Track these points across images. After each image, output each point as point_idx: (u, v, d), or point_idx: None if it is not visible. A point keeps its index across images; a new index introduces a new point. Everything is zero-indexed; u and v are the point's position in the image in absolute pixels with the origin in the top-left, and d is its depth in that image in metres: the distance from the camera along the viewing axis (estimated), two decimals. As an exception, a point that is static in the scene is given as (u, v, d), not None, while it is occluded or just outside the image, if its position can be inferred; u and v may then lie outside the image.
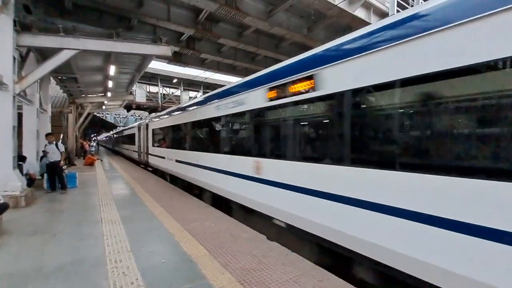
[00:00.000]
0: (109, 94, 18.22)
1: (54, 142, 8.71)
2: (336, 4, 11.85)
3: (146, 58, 10.82)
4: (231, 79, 22.96)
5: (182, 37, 14.56)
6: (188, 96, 33.44)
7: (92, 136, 48.18)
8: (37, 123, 10.04)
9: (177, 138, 10.75)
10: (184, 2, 11.36)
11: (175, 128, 10.66)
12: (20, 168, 7.96)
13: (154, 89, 33.18)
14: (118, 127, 44.88)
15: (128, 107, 32.77)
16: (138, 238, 4.58)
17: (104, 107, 25.72)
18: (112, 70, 11.63)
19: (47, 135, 9.06)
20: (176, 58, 17.85)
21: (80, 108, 21.96)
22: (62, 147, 8.87)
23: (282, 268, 3.54)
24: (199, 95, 29.07)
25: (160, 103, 32.32)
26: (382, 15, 13.92)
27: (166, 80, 32.42)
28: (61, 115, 19.09)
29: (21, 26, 7.18)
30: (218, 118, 6.92)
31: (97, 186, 9.67)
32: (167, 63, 20.07)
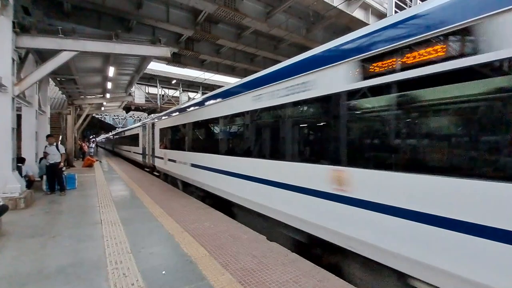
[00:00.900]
0: (108, 96, 18.19)
1: (55, 144, 8.74)
2: (335, 5, 11.89)
3: (145, 59, 10.80)
4: (231, 80, 23.00)
5: (181, 38, 14.60)
6: (187, 97, 33.41)
7: (91, 137, 48.06)
8: (36, 125, 10.01)
9: (194, 138, 8.96)
10: (183, 4, 11.40)
11: (192, 126, 8.95)
12: (19, 170, 7.94)
13: (153, 90, 33.15)
14: (117, 128, 44.83)
15: (127, 108, 32.72)
16: (138, 240, 4.58)
17: (103, 109, 25.69)
18: (111, 71, 11.62)
19: (48, 137, 9.04)
20: (175, 59, 17.88)
21: (79, 109, 21.92)
22: (62, 149, 8.88)
23: (282, 268, 3.55)
24: (198, 96, 29.07)
25: (159, 104, 32.30)
26: (380, 16, 13.98)
27: (165, 81, 32.42)
28: (60, 117, 19.04)
29: (20, 28, 7.17)
30: (264, 111, 5.29)
31: (96, 188, 9.66)
32: (166, 64, 20.10)
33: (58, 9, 10.80)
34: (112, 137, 42.36)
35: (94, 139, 49.72)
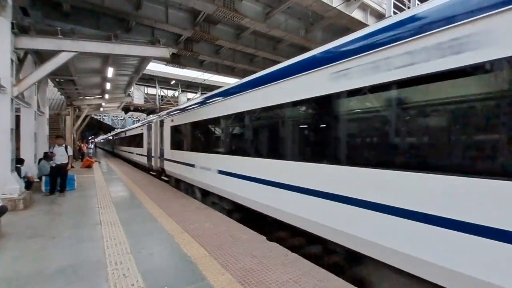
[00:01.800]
0: (107, 96, 18.20)
1: (64, 145, 8.81)
2: (333, 6, 11.92)
3: (144, 60, 10.81)
4: (230, 81, 23.00)
5: (180, 38, 14.59)
6: (186, 97, 33.40)
7: (90, 138, 48.02)
8: (35, 126, 10.00)
9: (227, 138, 6.84)
10: (182, 4, 11.40)
11: (224, 122, 6.82)
12: (18, 170, 7.93)
13: (152, 91, 33.16)
14: (116, 129, 44.73)
15: (126, 109, 32.73)
16: (138, 240, 4.58)
17: (101, 109, 25.70)
18: (110, 72, 11.63)
19: (57, 138, 9.12)
20: (174, 60, 17.88)
21: (77, 110, 21.94)
22: (70, 151, 8.99)
23: (282, 268, 3.56)
24: (197, 96, 29.03)
25: (158, 105, 32.30)
26: (379, 17, 14.03)
27: (164, 81, 32.44)
28: (58, 118, 19.05)
29: (19, 29, 7.16)
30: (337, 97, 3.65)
31: (95, 189, 9.64)
32: (165, 65, 20.12)
33: (57, 9, 10.79)
34: (112, 137, 40.51)
35: (93, 140, 49.65)
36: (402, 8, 11.88)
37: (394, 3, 12.72)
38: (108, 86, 14.70)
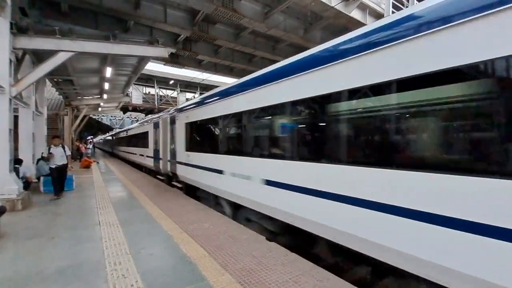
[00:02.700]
0: (105, 96, 18.19)
1: (61, 145, 8.46)
2: (332, 5, 11.93)
3: (142, 60, 10.80)
4: (229, 81, 22.98)
5: (179, 38, 14.58)
6: (185, 97, 33.38)
7: (88, 138, 47.86)
8: (33, 126, 9.97)
9: (281, 136, 4.92)
10: (180, 4, 11.39)
11: (277, 112, 4.91)
12: (16, 171, 7.90)
13: (150, 90, 33.13)
14: (114, 129, 44.63)
15: (124, 109, 32.68)
16: (137, 241, 4.57)
17: (100, 109, 25.65)
18: (108, 72, 11.61)
19: (54, 138, 8.68)
20: (172, 60, 17.87)
21: (76, 110, 21.89)
22: (68, 151, 8.64)
23: (281, 268, 3.56)
24: (196, 96, 29.02)
25: (156, 105, 32.27)
26: (378, 16, 14.05)
27: (163, 81, 32.42)
28: (57, 118, 19.00)
29: (17, 29, 7.14)
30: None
31: (94, 189, 9.62)
32: (164, 65, 20.10)
33: (55, 9, 10.76)
34: (111, 137, 38.12)
35: (91, 140, 49.55)
36: (401, 8, 11.91)
37: (392, 3, 12.75)
38: (106, 86, 14.69)
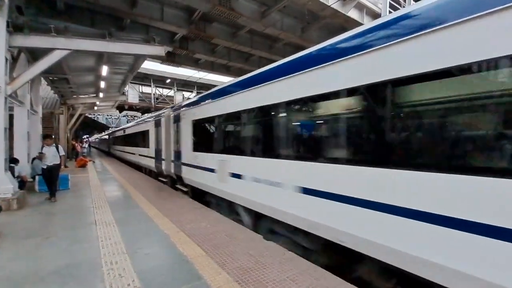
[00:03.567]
0: (101, 95, 18.07)
1: (54, 145, 8.06)
2: (329, 4, 11.95)
3: (139, 58, 10.75)
4: (225, 80, 22.95)
5: (176, 37, 14.51)
6: (182, 96, 33.24)
7: (84, 137, 47.55)
8: (28, 125, 9.88)
9: (321, 134, 4.25)
10: (177, 2, 11.33)
11: (317, 106, 4.25)
12: (12, 170, 7.83)
13: (147, 89, 32.92)
14: (110, 128, 44.35)
15: (120, 108, 32.47)
16: (134, 240, 4.55)
17: (96, 108, 25.47)
18: (104, 70, 11.53)
19: (46, 137, 8.25)
20: (169, 58, 17.77)
21: (71, 109, 21.72)
22: (62, 151, 8.19)
23: (279, 267, 3.57)
24: (193, 95, 28.94)
25: (153, 104, 32.10)
26: (375, 16, 14.09)
27: (159, 80, 32.21)
28: (52, 117, 18.83)
29: (13, 27, 7.07)
30: None
31: (90, 188, 9.56)
32: (160, 63, 19.98)
33: (51, 7, 10.65)
34: (108, 136, 36.88)
35: (87, 139, 49.21)
36: (398, 8, 11.96)
37: (389, 3, 12.79)
38: (102, 84, 14.59)
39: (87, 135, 54.48)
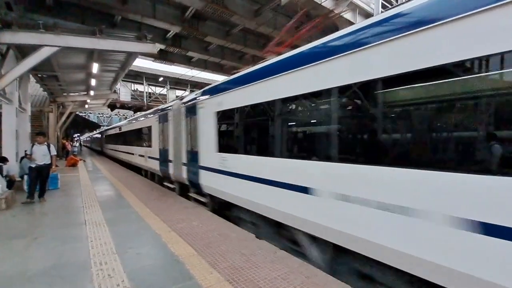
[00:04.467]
0: (92, 93, 17.77)
1: (46, 144, 7.62)
2: (321, 2, 11.98)
3: (130, 56, 10.60)
4: (218, 78, 22.86)
5: (168, 34, 14.40)
6: (175, 95, 32.96)
7: (74, 136, 46.81)
8: (16, 123, 9.68)
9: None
10: (169, -1, 11.23)
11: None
12: (0, 169, 7.67)
13: (139, 87, 32.55)
14: (102, 126, 43.76)
15: (112, 106, 32.02)
16: (124, 240, 4.50)
17: (87, 106, 25.06)
18: (95, 68, 11.34)
19: (39, 135, 7.75)
20: (162, 56, 17.64)
21: (61, 107, 21.32)
22: (54, 150, 7.77)
23: (270, 265, 3.57)
24: (186, 93, 28.68)
25: (145, 102, 31.78)
26: (368, 16, 14.18)
27: (152, 78, 31.90)
28: (41, 115, 18.48)
29: (2, 23, 6.90)
30: None
31: (80, 188, 9.42)
32: (153, 61, 19.81)
33: (40, 3, 10.43)
34: (100, 135, 34.78)
35: (78, 138, 48.50)
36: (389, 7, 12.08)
37: (382, 3, 12.91)
38: (93, 82, 14.35)
39: (78, 134, 53.68)
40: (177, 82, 33.10)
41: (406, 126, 3.00)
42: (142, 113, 14.89)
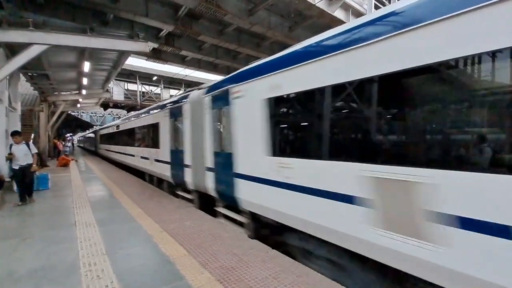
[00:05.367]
0: (84, 92, 17.50)
1: (24, 143, 7.38)
2: (315, 3, 12.02)
3: (123, 55, 10.48)
4: (212, 77, 22.78)
5: (161, 33, 14.27)
6: (169, 94, 32.70)
7: (67, 136, 46.20)
8: (6, 123, 9.50)
9: None
10: (162, -3, 11.13)
11: None
12: (-13, 170, 7.51)
13: (132, 87, 32.22)
14: (94, 126, 43.26)
15: (105, 106, 31.64)
16: (115, 241, 4.46)
17: (79, 106, 24.70)
18: (86, 66, 11.18)
19: (14, 134, 7.36)
20: (155, 55, 17.49)
21: (52, 106, 20.98)
22: (34, 149, 7.59)
23: (261, 265, 3.57)
24: (180, 93, 28.40)
25: (139, 101, 31.47)
26: (360, 16, 14.28)
27: (146, 77, 31.60)
28: (32, 114, 18.17)
29: (-9, 22, 6.77)
30: None
31: (71, 188, 9.30)
32: (146, 60, 19.63)
33: (32, 1, 10.25)
34: (93, 134, 32.60)
35: (70, 138, 47.87)
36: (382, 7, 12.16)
37: (374, 3, 13.00)
38: (85, 81, 14.14)
39: (71, 134, 53.01)
40: (171, 81, 32.85)
41: None
42: (148, 108, 12.36)
